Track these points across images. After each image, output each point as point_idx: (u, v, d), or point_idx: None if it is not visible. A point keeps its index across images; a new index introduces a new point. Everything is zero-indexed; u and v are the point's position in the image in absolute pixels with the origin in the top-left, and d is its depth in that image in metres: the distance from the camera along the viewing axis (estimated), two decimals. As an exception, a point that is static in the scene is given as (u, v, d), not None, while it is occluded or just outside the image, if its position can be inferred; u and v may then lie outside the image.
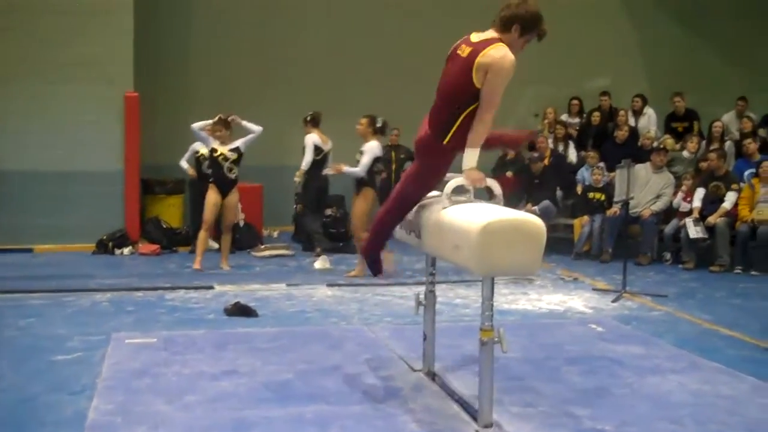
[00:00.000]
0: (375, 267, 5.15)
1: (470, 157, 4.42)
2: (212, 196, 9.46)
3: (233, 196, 9.55)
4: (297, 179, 10.49)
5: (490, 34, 4.44)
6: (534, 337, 6.33)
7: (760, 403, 4.82)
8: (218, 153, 9.45)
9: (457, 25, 4.93)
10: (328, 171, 9.81)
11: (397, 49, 13.27)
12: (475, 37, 4.46)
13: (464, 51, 4.43)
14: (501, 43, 4.36)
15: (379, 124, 9.16)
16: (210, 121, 9.59)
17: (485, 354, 4.16)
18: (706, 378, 5.32)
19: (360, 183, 9.09)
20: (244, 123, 9.65)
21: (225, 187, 9.47)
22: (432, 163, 4.62)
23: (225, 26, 13.02)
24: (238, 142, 9.52)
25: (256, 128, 9.60)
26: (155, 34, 12.39)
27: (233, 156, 9.46)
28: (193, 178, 10.87)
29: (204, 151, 10.18)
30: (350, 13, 13.37)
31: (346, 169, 9.12)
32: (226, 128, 9.52)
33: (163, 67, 12.58)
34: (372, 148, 9.02)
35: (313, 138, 10.65)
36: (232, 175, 9.50)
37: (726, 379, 5.32)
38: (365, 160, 8.96)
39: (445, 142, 4.49)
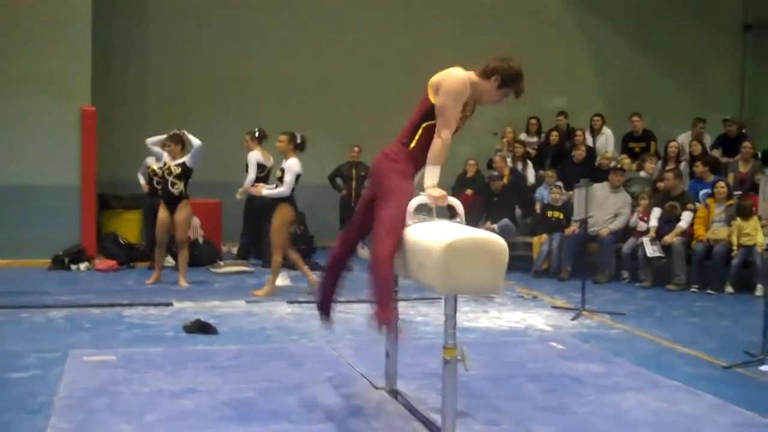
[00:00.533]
0: (392, 326, 4.65)
1: (431, 174, 4.49)
2: (161, 213, 9.47)
3: (181, 212, 9.44)
4: (239, 196, 10.43)
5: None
6: (495, 355, 6.35)
7: (719, 421, 4.87)
8: (166, 167, 9.46)
9: (423, 43, 4.96)
10: (252, 191, 9.72)
11: (360, 65, 13.31)
12: None
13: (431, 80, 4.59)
14: (459, 68, 4.54)
15: (299, 141, 9.01)
16: (163, 136, 9.60)
17: (448, 372, 4.16)
18: (665, 396, 5.37)
19: (278, 199, 8.94)
20: (189, 136, 9.59)
21: (170, 202, 9.43)
22: (397, 172, 4.56)
23: (182, 41, 12.92)
24: (186, 158, 9.47)
25: (196, 142, 9.49)
26: (112, 48, 12.27)
27: (177, 170, 9.39)
28: (145, 193, 10.82)
29: (155, 166, 10.20)
30: (311, 31, 13.36)
31: (265, 191, 9.05)
32: (176, 143, 9.50)
33: (119, 81, 12.46)
34: (293, 165, 8.88)
35: (255, 155, 10.66)
36: (176, 190, 9.40)
37: (685, 396, 5.38)
38: (288, 178, 8.81)
39: (411, 147, 4.58)
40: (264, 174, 10.65)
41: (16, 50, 10.79)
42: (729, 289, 9.84)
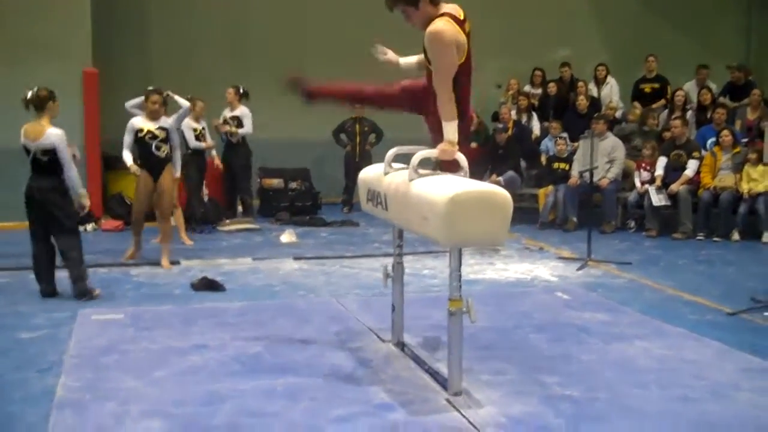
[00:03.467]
0: None
1: (449, 130, 4.39)
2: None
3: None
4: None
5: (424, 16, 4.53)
6: (501, 306, 6.38)
7: (724, 367, 4.89)
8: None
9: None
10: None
11: (360, 20, 13.15)
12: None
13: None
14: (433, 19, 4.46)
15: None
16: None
17: (454, 324, 4.20)
18: (670, 343, 5.40)
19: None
20: (176, 98, 8.97)
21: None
22: None
23: (184, 1, 12.84)
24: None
25: (184, 103, 8.91)
26: (112, 9, 12.18)
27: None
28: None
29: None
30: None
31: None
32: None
33: (120, 42, 12.37)
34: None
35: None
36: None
37: (690, 344, 5.40)
38: (128, 139, 8.41)
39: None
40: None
41: (14, 13, 10.70)
42: (735, 236, 9.83)
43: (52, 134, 6.71)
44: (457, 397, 4.24)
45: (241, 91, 10.96)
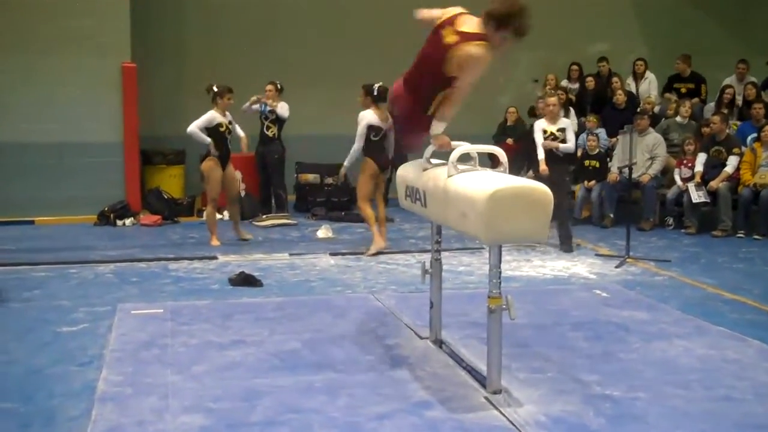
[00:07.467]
0: None
1: (438, 126, 4.66)
2: (218, 172, 9.06)
3: (232, 167, 9.30)
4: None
5: (477, 26, 4.47)
6: (539, 304, 6.34)
7: (767, 368, 4.82)
8: (224, 127, 9.09)
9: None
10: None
11: (395, 16, 13.15)
12: (462, 24, 4.50)
13: (449, 36, 4.48)
14: (482, 42, 4.40)
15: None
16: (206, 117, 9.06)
17: (493, 321, 4.17)
18: (712, 342, 5.33)
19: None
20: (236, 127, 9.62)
21: (226, 159, 9.20)
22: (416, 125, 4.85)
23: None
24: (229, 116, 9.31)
25: (240, 133, 9.63)
26: (150, 4, 12.26)
27: (231, 128, 9.31)
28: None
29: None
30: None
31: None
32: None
33: (158, 36, 12.44)
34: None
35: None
36: (231, 147, 9.32)
37: (732, 343, 5.33)
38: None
39: (430, 113, 4.71)
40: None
41: (55, 8, 10.83)
42: (777, 234, 9.69)
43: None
44: (496, 396, 4.23)
45: (279, 86, 10.99)
